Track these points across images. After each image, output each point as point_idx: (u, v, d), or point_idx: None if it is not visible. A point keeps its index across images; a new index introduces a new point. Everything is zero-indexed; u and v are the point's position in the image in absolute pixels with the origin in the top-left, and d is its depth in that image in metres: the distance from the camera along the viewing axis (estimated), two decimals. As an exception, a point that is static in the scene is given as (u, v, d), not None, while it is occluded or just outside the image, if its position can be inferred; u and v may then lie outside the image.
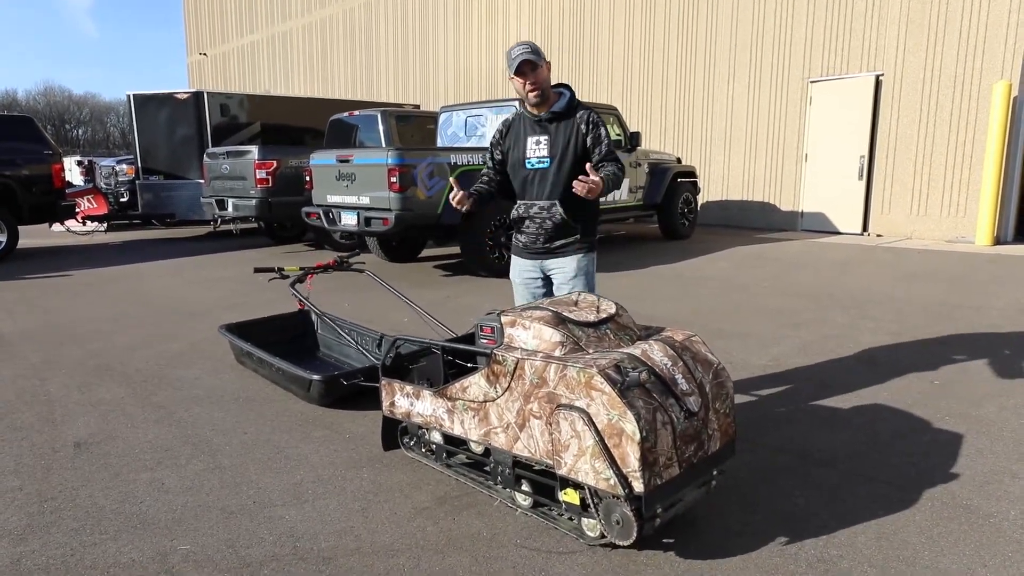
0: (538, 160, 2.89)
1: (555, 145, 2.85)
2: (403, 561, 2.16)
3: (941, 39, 9.27)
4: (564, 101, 2.88)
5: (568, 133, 2.84)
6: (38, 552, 2.24)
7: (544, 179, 2.89)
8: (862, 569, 2.08)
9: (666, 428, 2.04)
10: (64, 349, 4.71)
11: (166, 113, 11.55)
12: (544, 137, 2.88)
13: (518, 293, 3.13)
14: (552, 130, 2.87)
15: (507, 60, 2.80)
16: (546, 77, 2.83)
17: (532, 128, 2.92)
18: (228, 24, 24.82)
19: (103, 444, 3.10)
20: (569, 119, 2.86)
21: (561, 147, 2.84)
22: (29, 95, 66.70)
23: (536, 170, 2.91)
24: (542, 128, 2.89)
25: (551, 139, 2.86)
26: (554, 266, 2.98)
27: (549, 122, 2.88)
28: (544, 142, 2.87)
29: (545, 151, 2.87)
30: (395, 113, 9.05)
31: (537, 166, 2.90)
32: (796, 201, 11.04)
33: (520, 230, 3.02)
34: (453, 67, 16.60)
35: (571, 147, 2.84)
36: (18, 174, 9.04)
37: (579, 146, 2.84)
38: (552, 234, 2.92)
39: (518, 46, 2.78)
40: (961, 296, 5.92)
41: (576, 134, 2.83)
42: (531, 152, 2.91)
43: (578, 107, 2.89)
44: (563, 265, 2.96)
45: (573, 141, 2.83)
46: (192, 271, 8.09)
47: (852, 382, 3.77)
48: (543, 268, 3.02)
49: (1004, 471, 2.70)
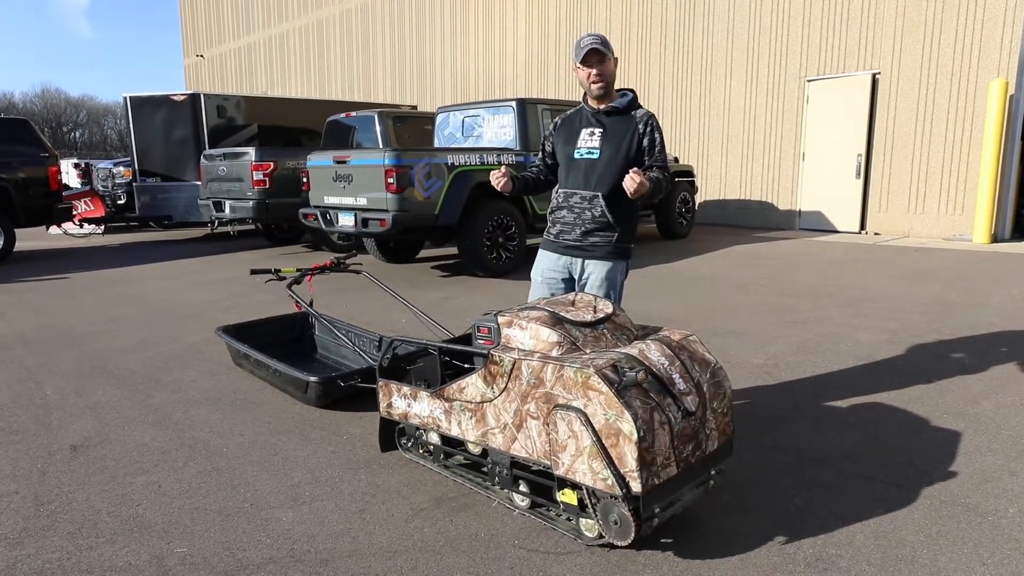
0: (588, 150, 2.85)
1: (609, 138, 2.82)
2: (401, 562, 2.16)
3: (937, 37, 9.29)
4: (626, 100, 2.86)
5: (625, 129, 2.81)
6: (34, 556, 2.23)
7: (592, 169, 2.84)
8: (861, 568, 2.07)
9: (664, 428, 2.03)
10: (60, 352, 4.69)
11: (163, 115, 11.53)
12: (599, 130, 2.85)
13: (535, 291, 3.02)
14: (608, 124, 2.84)
15: (575, 50, 2.78)
16: (612, 71, 2.82)
17: (589, 121, 2.89)
18: (225, 26, 24.80)
19: (99, 447, 3.09)
20: (628, 117, 2.84)
21: (616, 141, 2.81)
22: (26, 97, 66.61)
23: (584, 159, 2.85)
24: (598, 121, 2.86)
25: (606, 132, 2.83)
26: (591, 268, 2.89)
27: (607, 115, 2.86)
28: (598, 134, 2.84)
29: (597, 142, 2.84)
30: (392, 114, 9.04)
31: (586, 156, 2.85)
32: (793, 200, 11.05)
33: (555, 220, 2.95)
34: (450, 68, 16.60)
35: (626, 142, 2.80)
36: (15, 177, 9.02)
37: (634, 144, 2.80)
38: (590, 227, 2.84)
39: (588, 35, 2.76)
40: (959, 294, 5.93)
41: (633, 132, 2.81)
42: (582, 142, 2.87)
43: (639, 107, 2.88)
44: (593, 271, 2.88)
45: (629, 137, 2.80)
46: (189, 273, 8.08)
47: (850, 381, 3.77)
48: (570, 268, 2.93)
49: (1002, 469, 2.70)
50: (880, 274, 6.97)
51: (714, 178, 11.99)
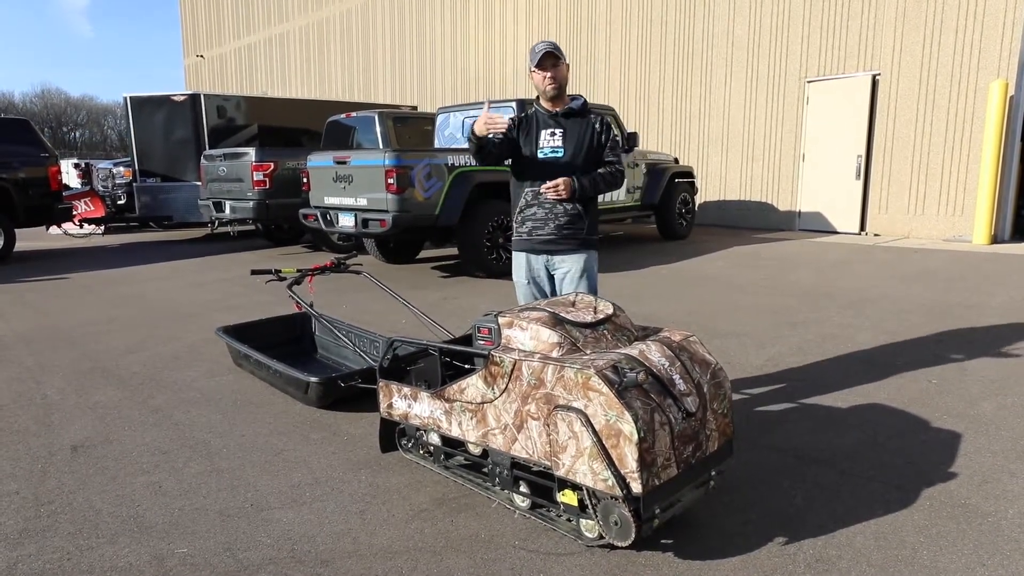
0: (552, 149, 3.01)
1: (571, 137, 3.00)
2: (401, 563, 2.16)
3: (937, 38, 9.29)
4: (580, 102, 3.05)
5: (583, 129, 3.01)
6: (34, 556, 2.23)
7: (558, 167, 2.99)
8: (861, 569, 2.08)
9: (664, 429, 2.04)
10: (61, 352, 4.70)
11: (163, 115, 11.54)
12: (559, 130, 3.02)
13: (520, 294, 3.18)
14: (567, 125, 3.02)
15: (530, 55, 2.95)
16: (565, 75, 2.99)
17: (546, 122, 3.04)
18: (225, 26, 24.80)
19: (100, 447, 3.09)
20: (584, 118, 3.04)
21: (577, 140, 3.00)
22: (26, 98, 66.57)
23: (549, 158, 3.01)
24: (556, 123, 3.03)
25: (566, 132, 3.01)
26: (559, 264, 3.05)
27: (564, 117, 3.03)
28: (559, 134, 3.01)
29: (560, 142, 3.01)
30: (392, 114, 9.04)
31: (551, 155, 3.01)
32: (793, 201, 11.05)
33: (525, 218, 3.06)
34: (450, 68, 16.60)
35: (586, 141, 3.00)
36: (15, 177, 9.02)
37: (594, 142, 3.01)
38: (562, 220, 2.99)
39: (542, 42, 2.96)
40: (958, 295, 5.93)
41: (591, 131, 3.01)
42: (544, 143, 3.02)
43: (591, 110, 3.09)
44: (568, 264, 3.03)
45: (588, 136, 3.00)
46: (189, 273, 8.08)
47: (850, 382, 3.77)
48: (547, 265, 3.08)
49: (1002, 470, 2.70)
50: (880, 275, 6.97)
51: (714, 179, 11.99)
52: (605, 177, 3.00)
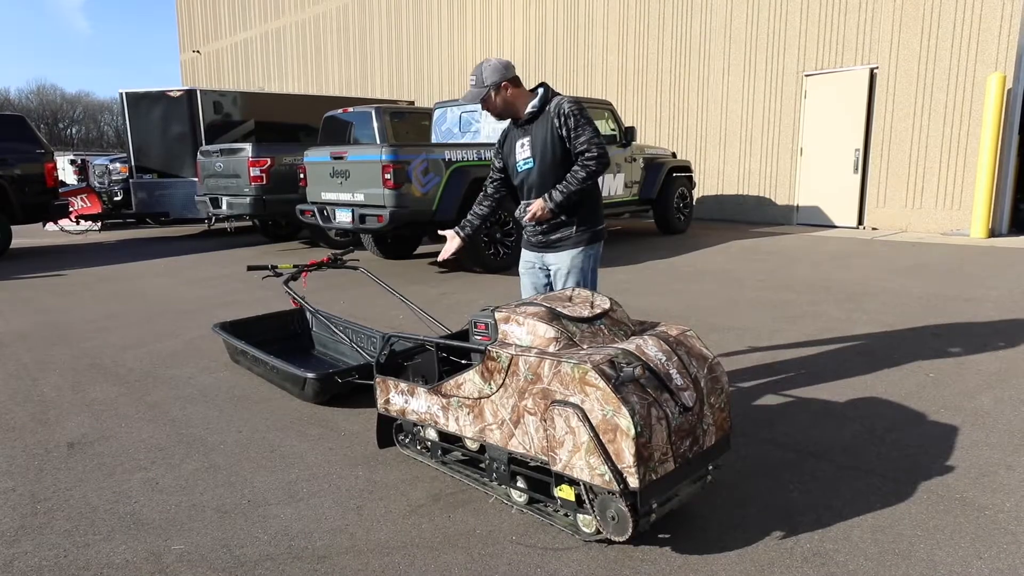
0: (523, 161, 2.97)
1: (535, 144, 2.92)
2: (398, 559, 2.16)
3: (935, 31, 9.28)
4: (537, 99, 2.92)
5: (544, 130, 2.88)
6: (31, 553, 2.23)
7: (531, 178, 2.97)
8: (858, 562, 2.08)
9: (661, 423, 2.03)
10: (57, 349, 4.68)
11: (159, 111, 11.49)
12: (526, 139, 2.96)
13: (523, 283, 3.21)
14: (532, 130, 2.94)
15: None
16: (499, 102, 2.92)
17: (518, 132, 3.02)
18: (221, 21, 24.70)
19: (97, 444, 3.09)
20: (544, 115, 2.90)
21: (540, 145, 2.90)
22: (21, 94, 66.34)
23: (525, 171, 2.98)
24: (524, 131, 2.98)
25: (531, 139, 2.93)
26: (551, 261, 3.05)
27: (529, 123, 2.96)
28: (526, 143, 2.95)
29: (528, 152, 2.95)
30: (389, 110, 9.02)
31: (524, 167, 2.98)
32: (791, 195, 11.04)
33: (523, 226, 3.09)
34: (447, 63, 16.56)
35: (548, 143, 2.87)
36: (10, 173, 8.99)
37: (555, 140, 2.86)
38: (547, 229, 2.98)
39: (471, 76, 2.92)
40: (956, 288, 5.93)
41: (550, 130, 2.86)
42: (518, 155, 3.00)
43: (550, 101, 2.91)
44: (558, 261, 3.02)
45: (548, 137, 2.87)
46: (186, 270, 8.06)
47: (847, 375, 3.77)
48: (544, 262, 3.09)
49: (999, 463, 2.70)
50: (878, 269, 6.97)
51: (712, 173, 11.98)
52: (580, 179, 2.80)
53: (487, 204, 3.22)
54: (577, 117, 2.81)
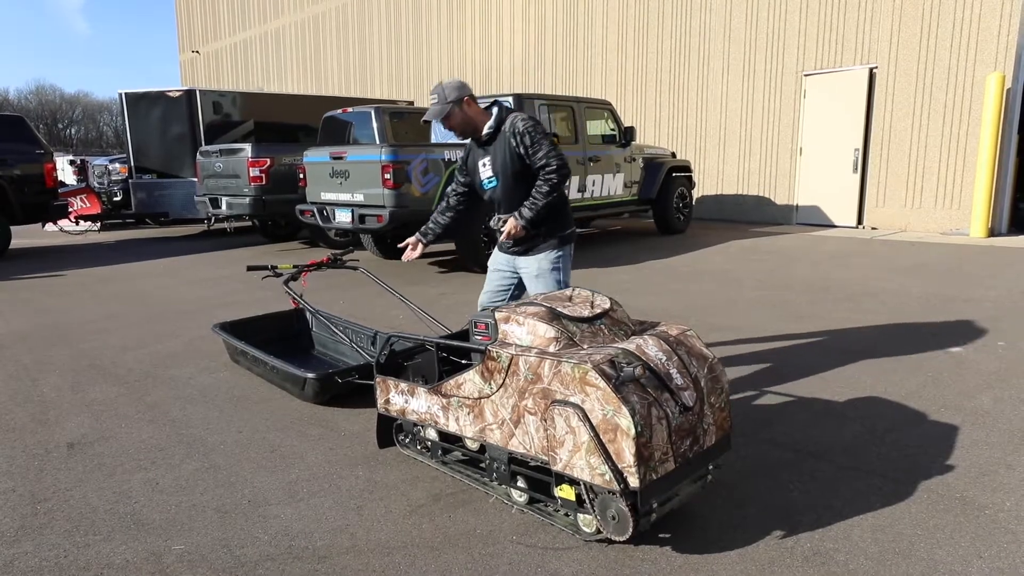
0: (487, 180, 3.10)
1: (496, 163, 3.04)
2: (399, 559, 2.15)
3: (934, 31, 9.28)
4: (492, 120, 3.03)
5: (503, 150, 2.99)
6: (31, 554, 2.22)
7: (497, 196, 3.10)
8: (858, 562, 2.08)
9: (661, 423, 2.03)
10: (57, 349, 4.68)
11: (159, 111, 11.48)
12: (487, 158, 3.08)
13: (488, 277, 3.31)
14: (491, 150, 3.06)
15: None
16: (459, 120, 3.02)
17: (478, 151, 3.14)
18: (220, 21, 24.69)
19: (96, 444, 3.08)
20: (501, 135, 3.00)
21: (500, 165, 3.02)
22: (20, 94, 66.28)
23: (491, 188, 3.11)
24: (484, 150, 3.09)
25: (493, 158, 3.05)
26: (521, 265, 3.15)
27: (488, 143, 3.07)
28: (487, 162, 3.08)
29: (490, 171, 3.08)
30: (389, 110, 9.01)
31: (488, 185, 3.11)
32: (791, 195, 11.05)
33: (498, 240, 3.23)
34: (447, 63, 16.55)
35: (508, 161, 2.99)
36: (10, 174, 8.98)
37: (514, 158, 2.97)
38: (518, 240, 3.08)
39: (431, 96, 3.00)
40: (956, 288, 5.94)
41: (507, 149, 2.97)
42: (482, 174, 3.12)
43: (505, 120, 3.01)
44: (528, 265, 3.12)
45: (507, 157, 2.98)
46: (186, 270, 8.06)
47: (847, 375, 3.77)
48: (514, 265, 3.20)
49: (999, 462, 2.71)
50: (877, 268, 6.98)
51: (711, 173, 11.98)
52: (545, 193, 2.90)
53: (450, 215, 3.32)
54: (532, 134, 2.91)
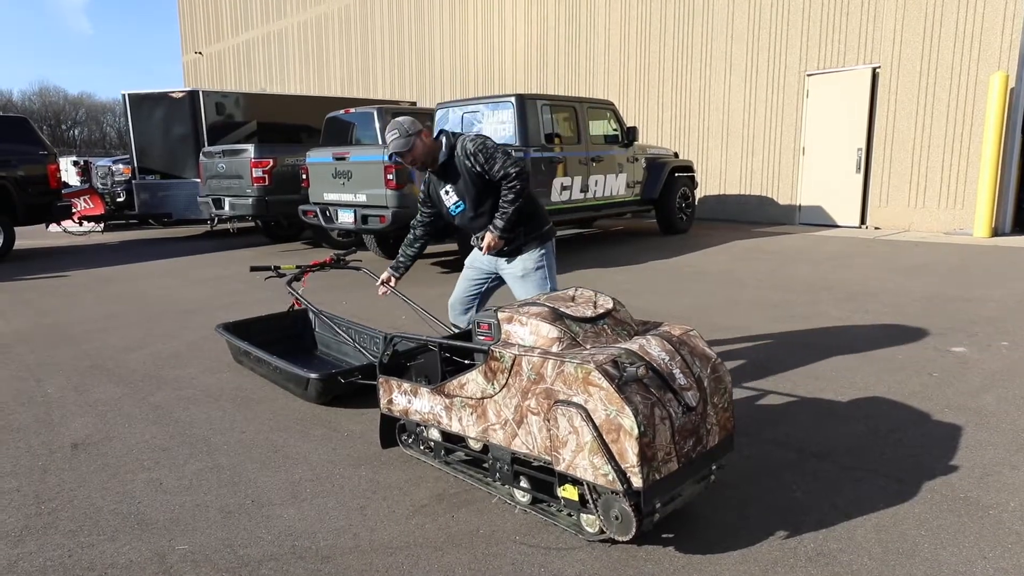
0: (454, 205, 3.23)
1: (459, 189, 3.18)
2: (402, 559, 2.16)
3: (938, 30, 9.26)
4: (444, 150, 3.15)
5: (461, 175, 3.13)
6: (35, 553, 2.23)
7: (468, 218, 3.23)
8: (861, 562, 2.07)
9: (664, 423, 2.03)
10: (60, 350, 4.69)
11: (161, 112, 11.51)
12: (448, 186, 3.21)
13: (462, 275, 3.43)
14: (449, 179, 3.19)
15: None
16: (421, 151, 3.12)
17: (438, 182, 3.27)
18: (223, 22, 24.74)
19: (100, 444, 3.09)
20: (455, 162, 3.14)
21: (464, 189, 3.16)
22: (24, 96, 66.54)
23: (459, 213, 3.23)
24: (444, 179, 3.22)
25: (455, 186, 3.19)
26: (504, 266, 3.27)
27: (444, 171, 3.20)
28: (451, 190, 3.21)
29: (455, 196, 3.21)
30: (391, 110, 9.01)
31: (457, 211, 3.23)
32: (794, 195, 11.03)
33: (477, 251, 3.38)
34: (449, 64, 16.56)
35: (469, 183, 3.12)
36: (13, 175, 9.00)
37: (475, 179, 3.11)
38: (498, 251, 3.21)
39: (389, 133, 3.10)
40: (959, 288, 5.92)
41: (466, 172, 3.12)
42: (447, 201, 3.25)
43: (455, 146, 3.14)
44: (512, 267, 3.24)
45: (468, 179, 3.12)
46: (189, 271, 8.07)
47: (850, 375, 3.77)
48: (496, 266, 3.32)
49: (1003, 462, 2.70)
50: (880, 268, 6.96)
51: (714, 173, 11.97)
52: (511, 201, 3.05)
53: (416, 247, 3.49)
54: (484, 151, 3.07)
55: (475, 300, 3.42)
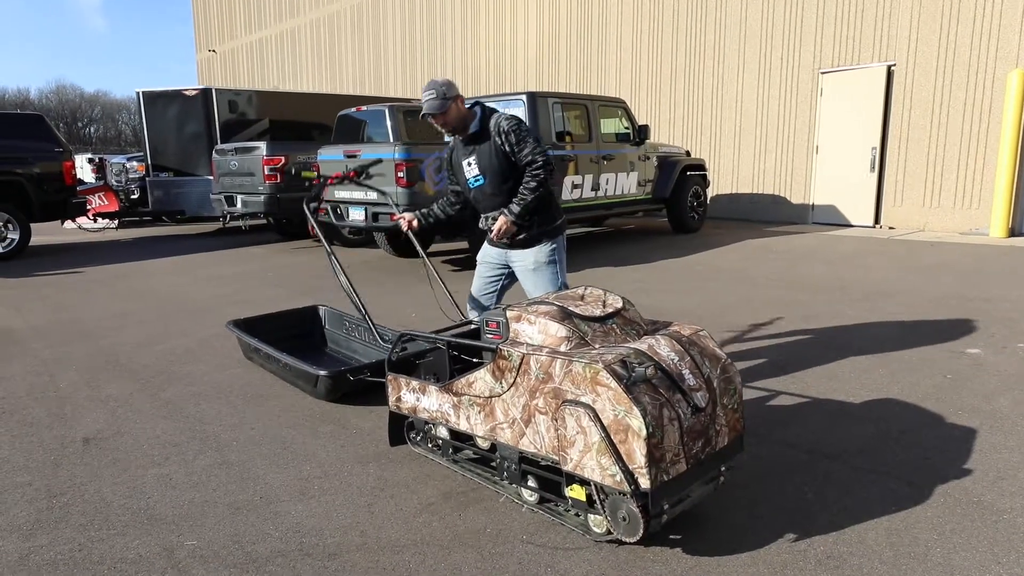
0: (474, 179, 3.17)
1: (482, 163, 3.11)
2: (409, 557, 2.16)
3: (954, 27, 9.15)
4: (476, 121, 3.11)
5: (489, 150, 3.08)
6: (46, 547, 2.25)
7: (485, 194, 3.17)
8: (872, 566, 2.05)
9: (673, 424, 2.02)
10: (74, 345, 4.74)
11: (175, 110, 11.58)
12: (472, 157, 3.15)
13: (477, 271, 3.40)
14: (477, 150, 3.13)
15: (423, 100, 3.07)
16: (455, 115, 3.07)
17: (463, 151, 3.20)
18: (237, 21, 24.87)
19: (111, 440, 3.12)
20: (486, 136, 3.09)
21: (488, 163, 3.10)
22: (42, 94, 67.35)
23: (476, 188, 3.18)
24: (469, 150, 3.16)
25: (478, 158, 3.13)
26: (515, 258, 3.22)
27: (472, 142, 3.14)
28: (473, 162, 3.15)
29: (476, 170, 3.15)
30: (403, 108, 9.02)
31: (475, 184, 3.18)
32: (807, 194, 10.94)
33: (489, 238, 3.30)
34: (461, 61, 16.56)
35: (495, 161, 3.07)
36: (30, 172, 9.09)
37: (501, 156, 3.06)
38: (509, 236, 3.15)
39: (425, 92, 3.04)
40: (975, 288, 5.85)
41: (494, 149, 3.06)
42: (467, 173, 3.19)
43: (489, 120, 3.09)
44: (523, 258, 3.19)
45: (495, 156, 3.07)
46: (201, 268, 8.12)
47: (863, 376, 3.73)
48: (507, 259, 3.26)
49: (1018, 466, 2.66)
50: (895, 268, 6.89)
51: (726, 172, 11.90)
52: (532, 189, 3.01)
53: (453, 209, 3.45)
54: (517, 132, 3.02)
55: (492, 297, 3.39)
